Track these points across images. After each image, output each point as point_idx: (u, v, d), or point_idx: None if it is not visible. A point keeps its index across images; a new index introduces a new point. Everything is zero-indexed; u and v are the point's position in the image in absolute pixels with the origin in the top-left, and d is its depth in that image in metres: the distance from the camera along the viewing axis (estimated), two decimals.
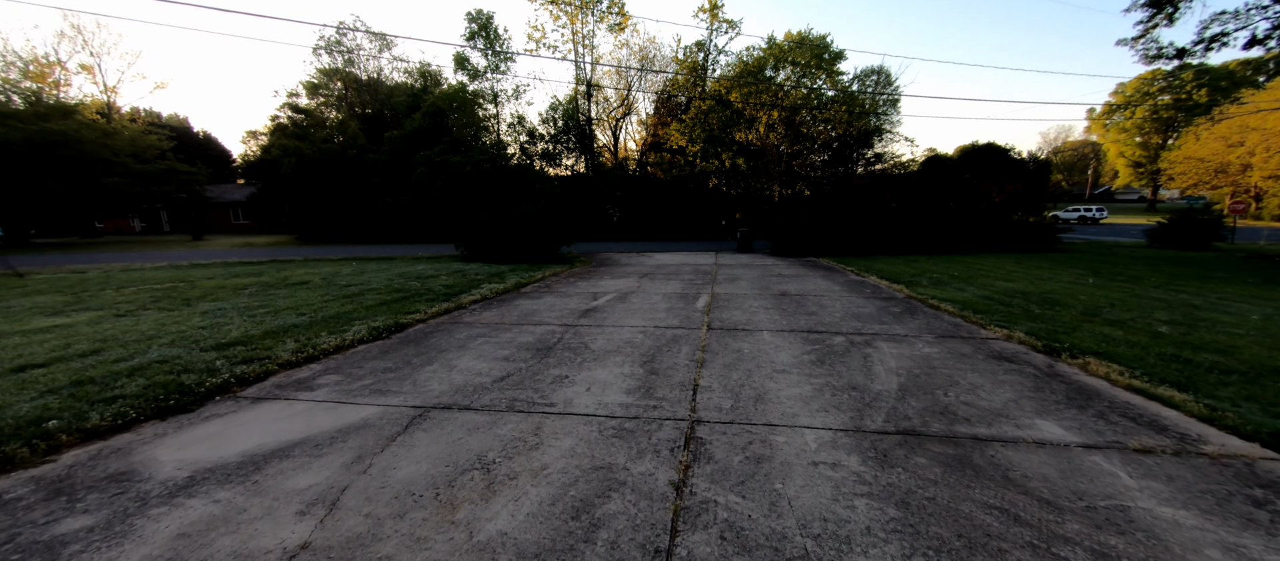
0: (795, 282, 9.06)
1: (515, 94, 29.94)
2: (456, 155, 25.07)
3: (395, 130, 26.47)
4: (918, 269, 10.72)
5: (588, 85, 29.21)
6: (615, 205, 26.52)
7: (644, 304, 7.04)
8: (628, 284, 9.12)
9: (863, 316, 6.05)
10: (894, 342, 4.81)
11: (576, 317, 6.16)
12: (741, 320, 5.89)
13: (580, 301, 7.33)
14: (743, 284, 9.00)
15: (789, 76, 29.85)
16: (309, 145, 24.37)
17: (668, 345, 4.82)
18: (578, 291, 8.30)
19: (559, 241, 14.36)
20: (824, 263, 12.77)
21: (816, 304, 6.92)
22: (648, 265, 12.62)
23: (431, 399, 3.46)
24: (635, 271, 11.21)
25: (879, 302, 6.97)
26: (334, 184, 24.60)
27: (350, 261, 14.16)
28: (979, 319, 5.69)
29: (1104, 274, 10.14)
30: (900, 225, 15.46)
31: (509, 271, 10.94)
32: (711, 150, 25.58)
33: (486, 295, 7.79)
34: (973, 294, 7.42)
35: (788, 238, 15.65)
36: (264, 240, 27.53)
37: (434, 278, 9.61)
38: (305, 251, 19.70)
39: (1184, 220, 18.92)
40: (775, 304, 6.95)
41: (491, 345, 4.90)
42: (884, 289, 8.22)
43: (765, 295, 7.72)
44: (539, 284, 9.26)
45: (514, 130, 29.94)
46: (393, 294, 7.66)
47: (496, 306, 6.99)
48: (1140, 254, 15.36)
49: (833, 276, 9.96)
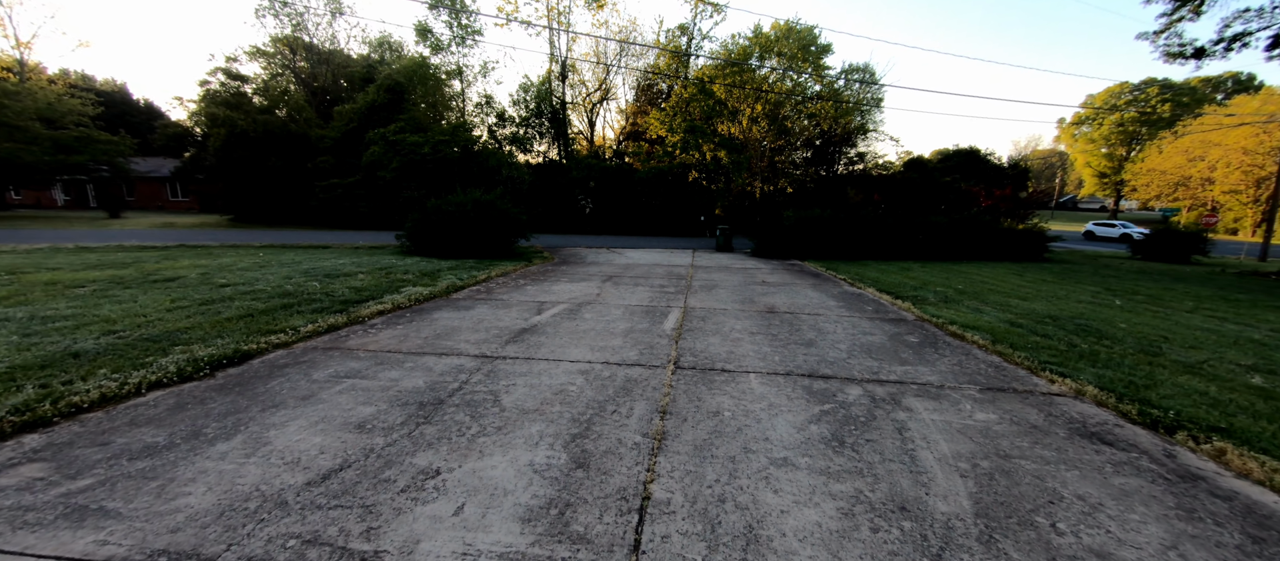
0: (783, 294, 7.73)
1: (483, 71, 27.75)
2: (415, 134, 22.87)
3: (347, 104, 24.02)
4: (915, 279, 9.57)
5: (563, 66, 27.28)
6: (588, 196, 24.82)
7: (598, 322, 5.55)
8: (586, 290, 7.61)
9: (874, 349, 4.72)
10: (931, 400, 3.47)
11: (503, 343, 4.62)
12: (720, 353, 4.47)
13: (519, 316, 5.78)
14: (722, 293, 7.62)
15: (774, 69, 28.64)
16: (243, 116, 21.70)
17: (615, 399, 3.35)
18: (522, 300, 6.74)
19: (516, 234, 12.70)
20: (810, 267, 11.54)
21: (813, 327, 5.57)
22: (616, 265, 11.13)
23: (153, 545, 1.90)
24: (599, 273, 9.70)
25: (888, 327, 5.67)
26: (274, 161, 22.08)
27: (263, 250, 12.16)
28: (1023, 358, 4.42)
29: (1116, 290, 9.19)
30: (889, 229, 14.40)
31: (449, 269, 9.27)
32: (692, 141, 24.16)
33: (401, 303, 6.15)
34: (994, 317, 6.21)
35: (771, 238, 14.40)
36: (190, 221, 24.68)
37: (349, 276, 7.87)
38: (228, 236, 17.39)
39: (1165, 233, 18.65)
40: (763, 325, 5.57)
41: (356, 395, 3.32)
42: (887, 306, 6.96)
43: (749, 311, 6.34)
44: (478, 287, 7.65)
45: (481, 111, 27.80)
46: (274, 300, 5.94)
47: (406, 321, 5.38)
48: (1132, 267, 14.74)
49: (824, 286, 8.69)
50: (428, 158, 22.12)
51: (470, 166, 23.44)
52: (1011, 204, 18.46)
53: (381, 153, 22.47)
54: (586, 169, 25.22)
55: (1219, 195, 43.50)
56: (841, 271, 10.57)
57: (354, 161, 23.10)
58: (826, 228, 14.13)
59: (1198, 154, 45.59)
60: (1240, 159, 40.21)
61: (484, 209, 11.82)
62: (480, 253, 11.78)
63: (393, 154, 22.30)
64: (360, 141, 23.68)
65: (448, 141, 22.50)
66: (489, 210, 11.91)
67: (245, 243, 14.44)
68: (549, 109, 28.13)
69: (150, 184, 41.37)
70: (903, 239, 14.50)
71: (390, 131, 22.73)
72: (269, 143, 21.83)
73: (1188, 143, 46.97)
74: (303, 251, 12.17)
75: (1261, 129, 39.49)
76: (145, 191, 41.86)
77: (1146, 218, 62.43)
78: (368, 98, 23.71)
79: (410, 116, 23.84)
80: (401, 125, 23.03)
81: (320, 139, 23.46)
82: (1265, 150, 38.78)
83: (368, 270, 8.62)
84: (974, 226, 15.10)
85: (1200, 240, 18.06)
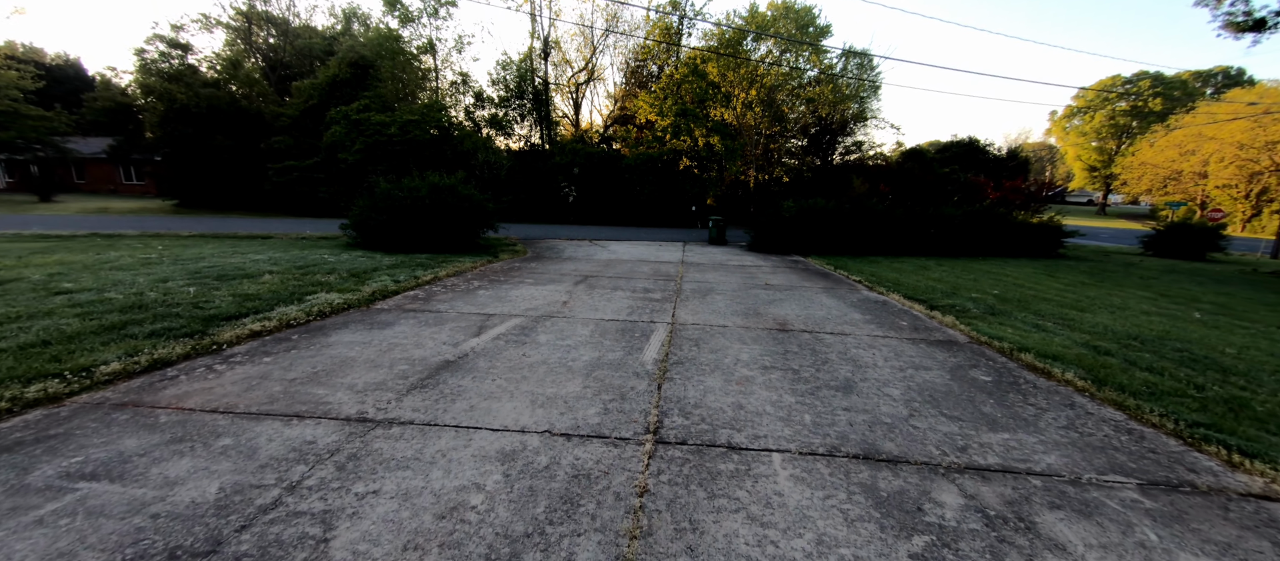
0: (793, 301, 6.32)
1: (458, 47, 25.71)
2: (382, 113, 20.93)
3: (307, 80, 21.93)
4: (939, 281, 8.24)
5: (545, 43, 25.38)
6: (572, 183, 23.15)
7: (553, 350, 4.07)
8: (551, 297, 6.11)
9: (941, 397, 3.32)
10: (1081, 519, 2.07)
11: (404, 392, 3.13)
12: (724, 409, 3.03)
13: (449, 338, 4.28)
14: (719, 301, 6.18)
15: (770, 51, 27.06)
16: (183, 89, 19.51)
17: (547, 530, 1.89)
18: (464, 312, 5.23)
19: (482, 225, 11.11)
20: (816, 265, 10.17)
21: (844, 355, 4.16)
22: (595, 261, 9.63)
23: None
24: (574, 272, 8.20)
25: (940, 355, 4.29)
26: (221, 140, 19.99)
27: (175, 241, 10.41)
28: (1155, 414, 3.06)
29: (1169, 295, 7.97)
30: (898, 223, 13.09)
31: (391, 268, 7.69)
32: (683, 125, 22.57)
33: (293, 319, 4.60)
34: (1067, 339, 4.87)
35: (770, 231, 13.00)
36: (128, 207, 22.45)
37: (252, 278, 6.26)
38: (160, 223, 15.47)
39: (1180, 228, 17.70)
40: (777, 354, 4.14)
41: (58, 530, 1.82)
42: (924, 319, 5.59)
43: (755, 328, 4.92)
44: (416, 292, 6.11)
45: (457, 91, 25.82)
46: (111, 316, 4.34)
47: (283, 349, 3.85)
48: (1156, 265, 13.64)
49: (837, 290, 7.31)
50: (395, 139, 20.23)
51: (443, 150, 21.60)
52: (1023, 196, 17.30)
53: (344, 133, 20.51)
54: (570, 154, 23.51)
55: (1212, 190, 43.19)
56: (852, 270, 9.21)
57: (314, 142, 21.10)
58: (831, 220, 12.76)
59: (1190, 148, 45.21)
60: (1234, 154, 39.81)
61: (442, 195, 10.19)
62: (439, 245, 10.19)
63: (356, 134, 20.36)
64: (321, 121, 21.65)
65: (418, 122, 20.61)
66: (449, 197, 10.28)
67: (172, 231, 12.62)
68: (531, 90, 26.24)
69: (102, 166, 38.49)
70: (913, 233, 13.20)
71: (353, 110, 20.75)
72: (215, 120, 19.70)
73: (1180, 136, 46.60)
74: (228, 242, 10.45)
75: (1255, 123, 39.07)
76: (97, 174, 38.99)
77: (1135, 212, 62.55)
78: (329, 73, 21.64)
79: (376, 94, 21.86)
80: (366, 103, 21.06)
81: (276, 117, 21.39)
82: (1259, 145, 38.40)
83: (283, 269, 7.00)
84: (988, 220, 13.86)
85: (1215, 236, 17.15)
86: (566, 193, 23.11)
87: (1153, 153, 50.48)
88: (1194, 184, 45.70)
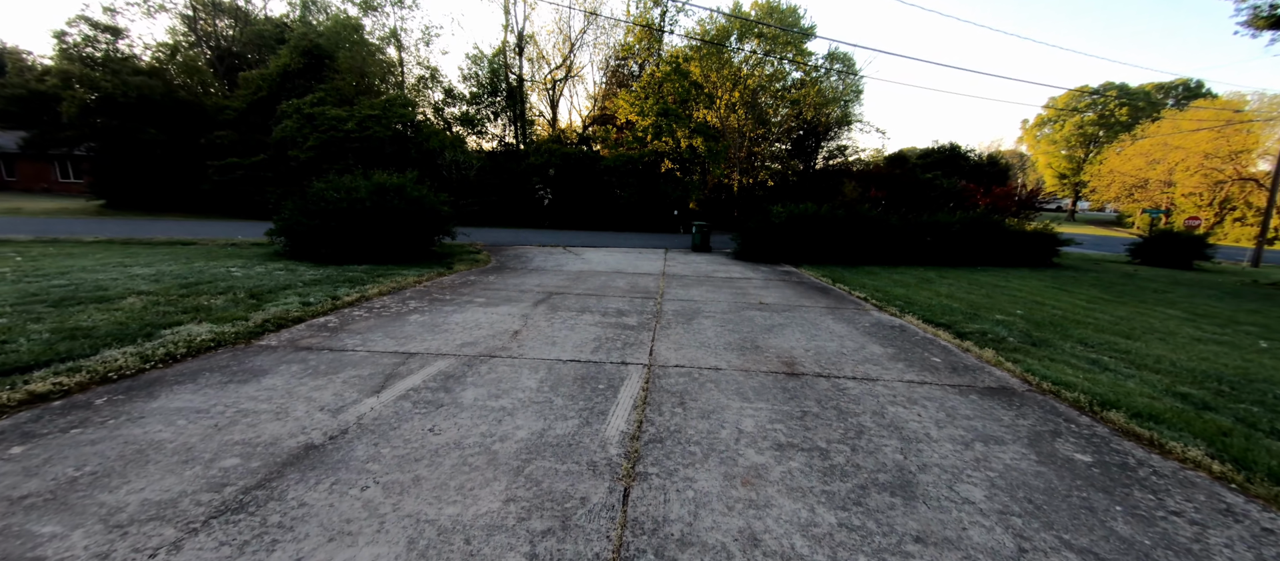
0: (796, 328, 5.23)
1: (425, 38, 24.16)
2: (339, 108, 19.29)
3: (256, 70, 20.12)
4: (951, 297, 7.32)
5: (520, 37, 24.05)
6: (547, 185, 21.84)
7: (477, 421, 2.85)
8: (500, 323, 4.89)
9: (1041, 503, 2.24)
10: None
11: (193, 527, 1.88)
12: (729, 550, 1.88)
13: (333, 400, 3.02)
14: (708, 329, 5.05)
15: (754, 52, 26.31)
16: (110, 78, 17.51)
17: None
18: (377, 350, 3.96)
19: (436, 230, 9.77)
20: (811, 277, 9.17)
21: (882, 420, 3.06)
22: (566, 273, 8.43)
23: None
24: (537, 288, 6.97)
25: (1007, 415, 3.23)
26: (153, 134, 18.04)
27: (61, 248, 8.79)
28: None
29: (1201, 313, 7.20)
30: (893, 231, 12.26)
31: (311, 284, 6.34)
32: (665, 126, 21.52)
33: (117, 370, 3.27)
34: (1145, 384, 3.90)
35: (758, 238, 12.00)
36: (47, 207, 20.14)
37: (108, 302, 4.85)
38: (65, 226, 13.58)
39: (1167, 237, 17.47)
40: (791, 418, 3.01)
41: None
42: (957, 353, 4.57)
43: (757, 373, 3.79)
44: (325, 320, 4.81)
45: (424, 86, 24.26)
46: None
47: (41, 437, 2.54)
48: (1156, 275, 13.14)
49: (842, 310, 6.27)
50: (353, 136, 18.62)
51: (406, 148, 20.07)
52: (1015, 203, 16.79)
53: (295, 128, 18.81)
54: (546, 155, 22.21)
55: (1178, 198, 44.38)
56: (852, 285, 8.23)
57: (262, 139, 19.31)
58: (823, 228, 11.83)
59: (1156, 157, 46.46)
60: (1200, 162, 40.93)
61: (387, 196, 8.83)
62: (384, 255, 8.82)
63: (309, 130, 18.68)
64: (271, 115, 19.87)
65: (378, 117, 19.04)
66: (395, 198, 8.92)
67: (74, 237, 10.88)
68: (505, 87, 24.86)
69: (35, 163, 35.32)
70: (909, 241, 12.39)
71: (306, 103, 19.07)
72: (146, 111, 17.73)
73: (1147, 145, 47.92)
74: (126, 251, 8.86)
75: (1218, 134, 40.27)
76: (28, 172, 35.75)
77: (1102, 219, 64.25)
78: (280, 62, 19.88)
79: (333, 86, 20.19)
80: (321, 96, 19.40)
81: (220, 110, 19.51)
82: (1223, 155, 39.56)
83: (161, 289, 5.59)
84: (986, 228, 13.16)
85: (1202, 244, 16.94)
86: (541, 195, 21.80)
87: (1120, 161, 51.81)
88: (1160, 191, 46.99)
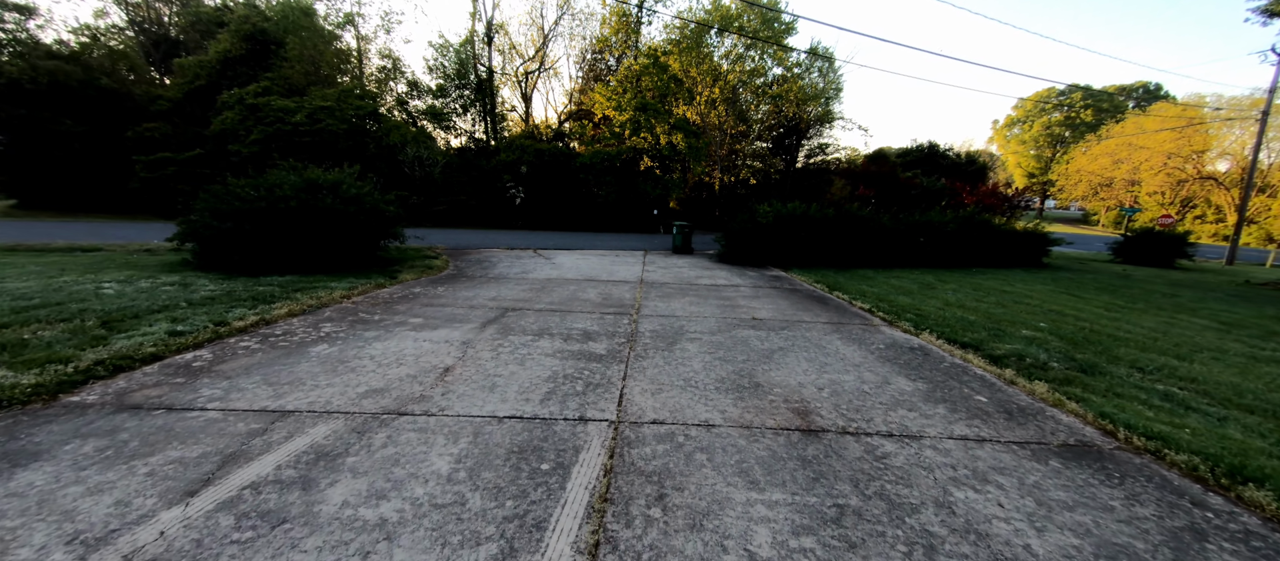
0: (800, 353, 4.28)
1: (386, 25, 22.58)
2: (288, 98, 17.64)
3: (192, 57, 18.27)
4: (960, 305, 6.52)
5: (489, 25, 22.68)
6: (519, 183, 20.57)
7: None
8: (430, 356, 3.78)
9: None
10: None
11: None
12: None
13: (104, 518, 1.88)
14: (694, 359, 4.05)
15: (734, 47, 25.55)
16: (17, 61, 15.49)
17: None
18: (237, 408, 2.82)
19: (381, 234, 8.54)
20: (804, 284, 8.31)
21: (948, 513, 2.10)
22: (530, 281, 7.33)
23: None
24: (491, 302, 5.86)
25: (1113, 496, 2.31)
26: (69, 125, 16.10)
27: None
28: None
29: (1239, 325, 6.57)
30: (886, 232, 11.55)
31: (201, 304, 5.11)
32: (643, 121, 20.52)
33: None
34: (1246, 432, 3.07)
35: (743, 240, 11.11)
36: None
37: None
38: None
39: (1150, 236, 17.39)
40: (825, 519, 2.03)
41: None
42: (1007, 390, 3.68)
43: (763, 432, 2.81)
44: (193, 357, 3.62)
45: (386, 77, 22.66)
46: None
47: None
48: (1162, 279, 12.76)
49: (848, 326, 5.38)
50: (302, 129, 17.02)
51: (364, 143, 18.54)
52: (1003, 201, 16.40)
53: (237, 120, 17.10)
54: (518, 151, 20.94)
55: (1143, 197, 45.71)
56: (850, 292, 7.38)
57: (200, 131, 17.51)
58: (813, 228, 11.01)
59: (1121, 156, 47.80)
60: (1163, 162, 42.15)
61: (317, 194, 7.56)
62: (318, 262, 7.57)
63: (253, 122, 17.00)
64: (211, 106, 18.08)
65: (331, 109, 17.48)
66: (328, 197, 7.66)
67: None
68: (474, 79, 23.44)
69: None
70: (901, 243, 11.69)
71: (250, 93, 17.38)
72: (60, 99, 15.77)
73: (1112, 145, 49.26)
74: (6, 258, 7.38)
75: (1180, 134, 41.54)
76: None
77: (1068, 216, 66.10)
78: (221, 47, 18.09)
79: (282, 75, 18.51)
80: (267, 85, 17.72)
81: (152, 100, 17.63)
82: (1185, 154, 40.81)
83: None
84: (980, 229, 12.59)
85: (1183, 243, 16.90)
86: (513, 194, 20.53)
87: (1086, 160, 53.24)
88: (1125, 190, 48.41)
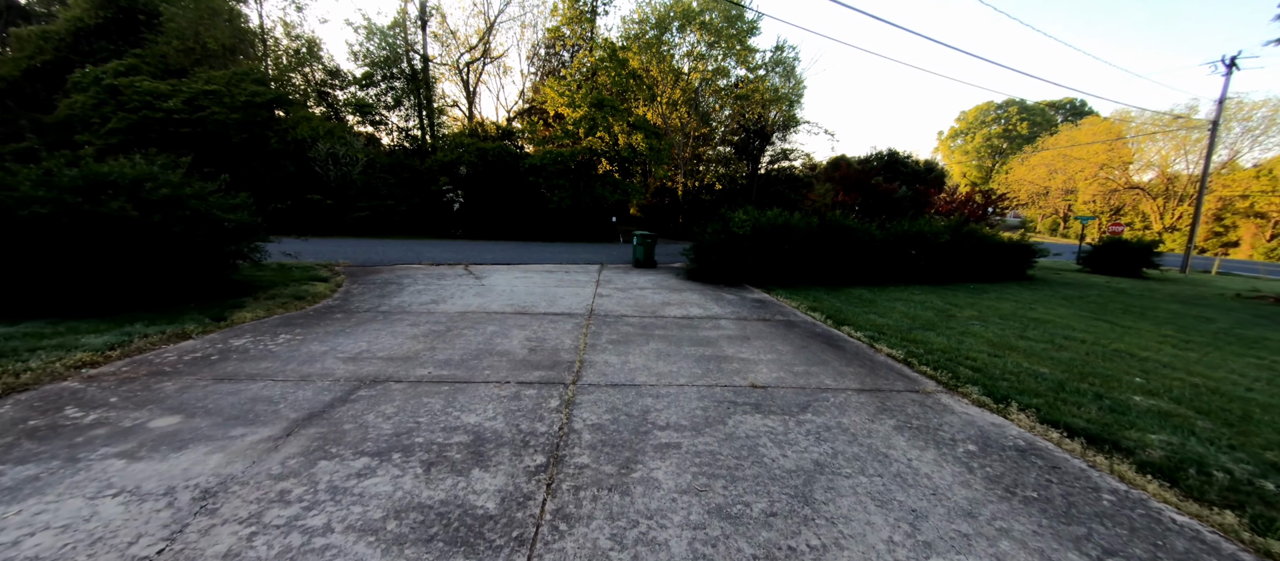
0: (851, 460, 2.39)
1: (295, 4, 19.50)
2: (158, 80, 14.41)
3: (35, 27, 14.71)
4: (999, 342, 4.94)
5: (422, 7, 20.08)
6: (457, 186, 18.06)
7: None
8: None
9: None
10: None
11: None
12: None
13: None
14: (665, 497, 2.05)
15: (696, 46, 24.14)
16: None
17: None
18: None
19: (219, 252, 6.07)
20: (796, 311, 6.57)
21: None
22: (429, 322, 5.12)
23: None
24: (335, 377, 3.64)
25: None
26: None
27: None
28: None
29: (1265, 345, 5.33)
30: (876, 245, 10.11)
31: None
32: (600, 119, 18.57)
33: None
34: None
35: (715, 254, 9.33)
36: None
37: None
38: None
39: (1116, 245, 17.22)
40: None
41: None
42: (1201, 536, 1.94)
43: None
44: None
45: (300, 62, 19.56)
46: None
47: None
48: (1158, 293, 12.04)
49: (892, 395, 3.58)
50: (178, 118, 13.86)
51: (263, 137, 15.51)
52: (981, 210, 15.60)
53: (91, 104, 13.73)
54: (455, 149, 18.42)
55: (1078, 206, 48.25)
56: (858, 325, 5.70)
57: (40, 118, 13.99)
58: (798, 241, 9.38)
59: (1057, 167, 50.43)
60: (1095, 172, 44.56)
61: (100, 196, 5.07)
62: (110, 295, 5.06)
63: (112, 107, 13.70)
64: (60, 87, 14.56)
65: (218, 94, 14.40)
66: (123, 200, 5.17)
67: None
68: (407, 68, 20.71)
69: None
70: (892, 256, 10.30)
71: (109, 72, 14.05)
72: None
73: (1049, 156, 51.94)
74: None
75: (1109, 147, 44.11)
76: None
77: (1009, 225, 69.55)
78: (73, 15, 14.64)
79: (156, 53, 15.23)
80: (134, 63, 14.44)
81: None
82: (1116, 165, 43.32)
83: None
84: (971, 240, 11.46)
85: (1150, 253, 16.78)
86: (450, 198, 17.98)
87: (1025, 170, 56.07)
88: (1061, 199, 51.19)
